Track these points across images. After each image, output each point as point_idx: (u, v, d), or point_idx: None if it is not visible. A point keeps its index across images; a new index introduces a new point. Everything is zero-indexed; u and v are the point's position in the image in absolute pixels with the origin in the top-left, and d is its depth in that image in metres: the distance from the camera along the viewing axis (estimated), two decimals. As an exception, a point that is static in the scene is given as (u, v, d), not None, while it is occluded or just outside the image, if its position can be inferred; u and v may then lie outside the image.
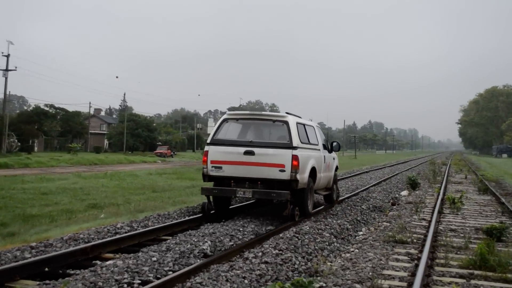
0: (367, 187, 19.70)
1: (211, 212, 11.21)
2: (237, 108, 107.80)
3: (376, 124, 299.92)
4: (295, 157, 10.66)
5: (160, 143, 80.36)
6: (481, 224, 11.21)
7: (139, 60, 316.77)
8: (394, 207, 14.70)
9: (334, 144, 14.07)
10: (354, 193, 17.03)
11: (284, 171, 10.56)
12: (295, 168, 10.61)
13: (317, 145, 12.64)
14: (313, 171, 11.76)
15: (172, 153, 67.69)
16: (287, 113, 11.60)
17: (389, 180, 24.12)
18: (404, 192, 18.44)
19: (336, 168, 14.69)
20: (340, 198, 14.76)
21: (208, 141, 11.25)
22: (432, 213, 12.31)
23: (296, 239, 8.45)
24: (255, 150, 10.74)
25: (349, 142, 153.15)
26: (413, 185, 19.80)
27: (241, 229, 9.19)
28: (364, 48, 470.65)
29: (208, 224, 9.96)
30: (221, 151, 10.92)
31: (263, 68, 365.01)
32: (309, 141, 12.03)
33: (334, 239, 9.18)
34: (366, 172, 31.77)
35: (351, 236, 10.00)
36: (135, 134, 75.75)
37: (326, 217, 11.11)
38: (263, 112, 11.83)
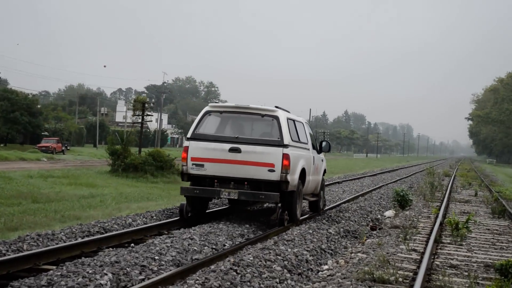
0: (337, 203, 19.99)
1: (189, 215, 13.35)
2: (160, 87, 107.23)
3: (355, 117, 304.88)
4: (286, 156, 12.88)
5: (46, 133, 78.83)
6: (493, 259, 11.48)
7: (15, 11, 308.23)
8: (374, 232, 14.98)
9: (324, 143, 16.74)
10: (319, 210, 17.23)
11: (273, 171, 12.89)
12: (285, 168, 12.88)
13: (306, 144, 15.14)
14: (302, 173, 13.99)
15: (63, 148, 66.53)
16: (276, 107, 13.80)
17: (369, 195, 24.56)
18: (389, 212, 18.79)
19: (324, 171, 17.30)
20: (300, 218, 14.94)
21: (189, 135, 13.52)
22: (427, 242, 12.54)
23: (234, 273, 8.50)
24: (242, 147, 13.07)
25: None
26: (402, 202, 20.19)
27: (157, 257, 9.18)
28: (343, 19, 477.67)
29: (110, 249, 9.91)
30: (203, 147, 13.27)
31: (199, 34, 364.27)
32: (299, 139, 14.41)
33: (288, 275, 9.29)
34: (338, 183, 32.25)
35: (312, 271, 10.14)
36: (10, 119, 73.90)
37: (278, 243, 11.22)
38: (251, 105, 13.81)
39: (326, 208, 18.20)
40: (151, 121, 41.03)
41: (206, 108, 14.08)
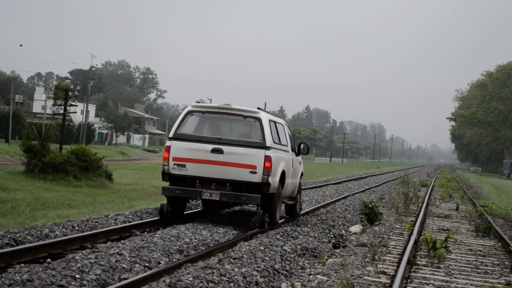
0: (295, 216, 20.06)
1: (169, 215, 15.90)
2: (87, 72, 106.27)
3: (318, 113, 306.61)
4: (268, 158, 15.45)
5: None
6: (476, 285, 11.64)
7: None
8: (337, 250, 15.10)
9: (302, 146, 19.72)
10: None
11: (255, 173, 15.43)
12: (267, 170, 15.41)
13: (286, 146, 17.85)
14: (282, 176, 16.64)
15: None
16: (258, 108, 16.48)
17: (332, 206, 24.72)
18: (355, 228, 18.94)
19: (301, 174, 20.40)
20: (250, 232, 15.02)
21: (170, 135, 15.99)
22: (399, 263, 12.67)
23: (170, 296, 8.50)
24: (224, 148, 15.54)
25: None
26: (370, 216, 20.37)
27: (78, 275, 9.12)
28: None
29: (22, 265, 9.83)
30: (185, 148, 15.69)
31: (136, 12, 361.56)
32: (280, 141, 17.08)
33: (234, 299, 9.30)
34: (297, 191, 32.35)
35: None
36: None
37: (223, 262, 11.23)
38: (234, 106, 16.26)
39: (301, 212, 20.51)
40: (76, 112, 40.64)
41: (188, 108, 16.44)
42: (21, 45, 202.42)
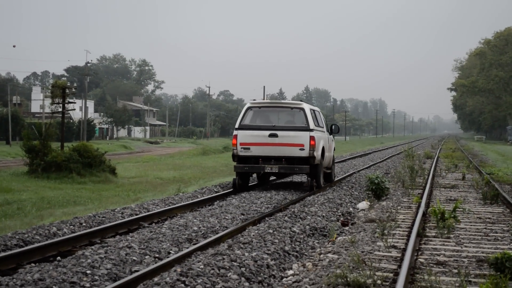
0: (301, 196, 20.11)
1: (240, 187, 21.39)
2: (83, 68, 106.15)
3: (318, 93, 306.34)
4: (312, 138, 20.99)
5: None
6: (487, 252, 11.66)
7: None
8: (346, 228, 15.11)
9: (334, 127, 25.50)
10: (279, 207, 17.31)
11: (303, 149, 20.98)
12: (312, 147, 20.95)
13: (323, 128, 23.68)
14: (322, 150, 22.31)
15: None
16: (301, 101, 22.76)
17: (338, 185, 24.74)
18: (363, 204, 18.98)
19: (334, 149, 26.72)
20: (258, 217, 15.11)
21: (236, 126, 21.51)
22: (408, 236, 12.69)
23: (182, 285, 8.51)
24: (278, 133, 21.10)
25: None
26: (377, 191, 20.41)
27: (89, 271, 9.14)
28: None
29: (32, 265, 9.86)
30: (249, 135, 21.26)
31: (126, 4, 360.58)
32: (318, 124, 22.77)
33: (246, 284, 9.33)
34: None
35: (275, 277, 10.21)
36: None
37: (233, 247, 11.25)
38: (282, 101, 23.47)
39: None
40: (74, 109, 40.41)
41: (248, 105, 22.18)
42: (14, 46, 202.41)
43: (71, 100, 35.69)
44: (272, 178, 26.31)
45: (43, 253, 11.05)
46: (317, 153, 21.34)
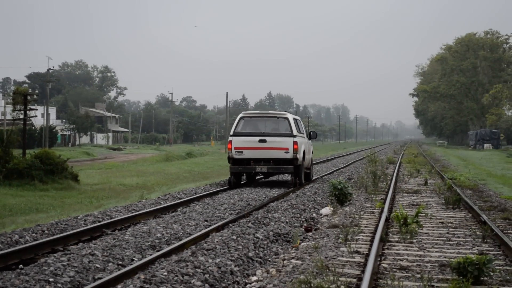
0: (265, 202, 20.12)
1: (235, 185, 25.04)
2: (44, 74, 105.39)
3: (281, 99, 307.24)
4: (295, 143, 24.92)
5: None
6: (449, 257, 11.73)
7: None
8: (310, 234, 15.15)
9: (312, 133, 29.82)
10: (242, 213, 17.31)
11: (288, 152, 24.85)
12: (295, 150, 24.83)
13: (304, 134, 27.76)
14: (303, 153, 26.19)
15: None
16: (285, 111, 27.24)
17: (301, 191, 24.75)
18: (326, 210, 19.01)
19: (312, 152, 31.01)
20: (221, 223, 15.12)
21: (231, 133, 25.35)
22: (371, 241, 12.75)
23: (146, 292, 8.50)
24: (267, 138, 24.92)
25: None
26: (340, 197, 20.42)
27: (51, 279, 9.08)
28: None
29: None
30: (242, 140, 24.99)
31: (85, 9, 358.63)
32: (300, 131, 26.82)
33: (210, 290, 9.33)
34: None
35: (239, 284, 10.22)
36: None
37: (196, 254, 11.24)
38: (270, 112, 27.15)
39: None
40: (36, 116, 40.16)
41: (241, 115, 26.16)
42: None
43: (32, 107, 35.43)
44: (258, 177, 29.58)
45: (5, 261, 10.91)
46: (299, 156, 25.31)
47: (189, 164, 49.71)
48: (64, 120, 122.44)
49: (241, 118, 26.01)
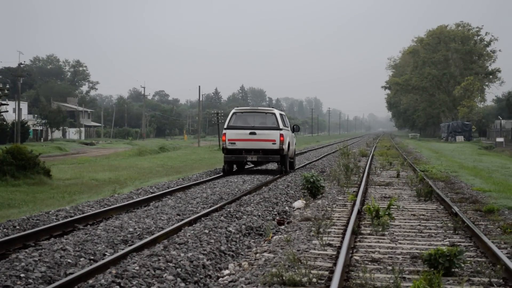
0: (237, 196, 20.14)
1: (228, 172, 28.49)
2: (16, 69, 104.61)
3: (254, 93, 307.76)
4: (281, 135, 28.43)
5: None
6: (421, 249, 11.83)
7: None
8: (282, 227, 15.19)
9: (295, 127, 33.64)
10: (215, 207, 17.31)
11: (275, 144, 28.39)
12: (281, 142, 28.35)
13: (288, 127, 31.11)
14: (288, 144, 29.65)
15: None
16: (272, 107, 32.31)
17: (274, 184, 24.79)
18: (298, 203, 19.07)
19: (295, 143, 34.80)
20: (193, 217, 15.11)
21: (225, 127, 28.85)
22: (343, 234, 12.74)
23: (117, 287, 8.48)
24: (256, 131, 28.45)
25: (209, 123, 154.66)
26: (312, 190, 20.53)
27: (23, 274, 9.03)
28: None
29: None
30: (234, 133, 28.50)
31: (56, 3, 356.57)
32: (285, 125, 30.10)
33: (182, 285, 9.35)
34: (237, 172, 32.45)
35: (211, 277, 10.24)
36: None
37: (168, 248, 11.24)
38: (259, 108, 30.46)
39: None
40: (7, 111, 40.08)
41: (233, 111, 29.73)
42: None
43: (3, 102, 35.33)
44: (247, 166, 34.06)
45: (-24, 258, 10.86)
46: (285, 146, 28.87)
47: (162, 159, 49.59)
48: (36, 115, 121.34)
49: (234, 113, 29.51)
